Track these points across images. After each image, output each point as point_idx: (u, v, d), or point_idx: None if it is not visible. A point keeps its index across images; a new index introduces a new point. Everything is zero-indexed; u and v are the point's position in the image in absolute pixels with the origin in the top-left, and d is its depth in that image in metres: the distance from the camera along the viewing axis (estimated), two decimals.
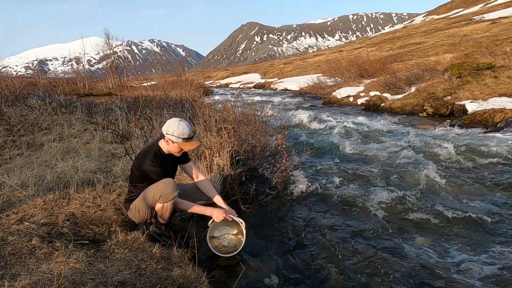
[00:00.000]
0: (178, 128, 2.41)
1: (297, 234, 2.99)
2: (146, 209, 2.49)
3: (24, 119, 5.76)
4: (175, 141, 2.44)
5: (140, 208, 2.50)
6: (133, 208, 2.55)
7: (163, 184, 2.40)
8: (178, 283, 1.95)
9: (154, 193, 2.41)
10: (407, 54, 21.32)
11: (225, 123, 4.24)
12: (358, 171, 4.53)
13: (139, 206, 2.50)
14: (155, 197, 2.41)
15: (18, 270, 1.87)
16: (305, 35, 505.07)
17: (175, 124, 2.42)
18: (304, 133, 7.12)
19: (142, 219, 2.56)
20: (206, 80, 40.49)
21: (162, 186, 2.39)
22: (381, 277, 2.33)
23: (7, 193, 2.91)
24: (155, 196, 2.41)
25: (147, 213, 2.51)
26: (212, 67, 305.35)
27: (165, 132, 2.45)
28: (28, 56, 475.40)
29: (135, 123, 5.34)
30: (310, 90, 17.57)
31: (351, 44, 50.63)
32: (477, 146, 5.15)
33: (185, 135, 2.42)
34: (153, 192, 2.42)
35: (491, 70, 8.89)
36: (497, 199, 3.51)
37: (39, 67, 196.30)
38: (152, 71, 26.86)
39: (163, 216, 2.52)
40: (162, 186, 2.39)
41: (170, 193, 2.37)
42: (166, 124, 2.47)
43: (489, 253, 2.55)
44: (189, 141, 2.46)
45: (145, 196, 2.47)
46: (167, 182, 2.41)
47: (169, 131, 2.43)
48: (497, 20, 28.04)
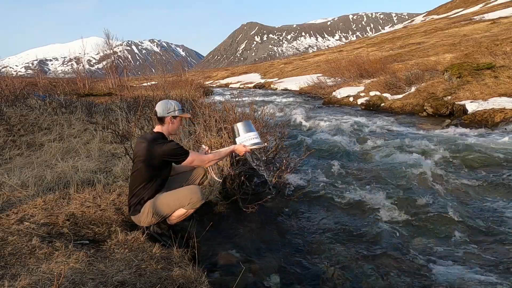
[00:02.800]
0: (173, 104, 2.58)
1: (297, 233, 2.99)
2: (160, 215, 2.44)
3: (24, 119, 5.76)
4: (178, 115, 2.58)
5: (155, 213, 2.42)
6: (145, 212, 2.43)
7: (191, 191, 2.40)
8: (178, 283, 1.95)
9: (180, 200, 2.39)
10: (407, 54, 21.31)
11: (225, 123, 4.23)
12: (357, 171, 4.53)
13: (155, 211, 2.42)
14: (182, 203, 2.39)
15: (18, 270, 1.87)
16: (305, 35, 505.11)
17: (168, 102, 2.59)
18: (304, 133, 7.12)
19: (150, 223, 2.49)
20: (206, 80, 40.47)
21: (190, 192, 2.40)
22: (381, 277, 2.33)
23: (7, 193, 2.91)
24: (182, 202, 2.39)
25: (161, 218, 2.47)
26: (212, 67, 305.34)
27: (166, 113, 2.55)
28: (28, 56, 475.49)
29: (135, 123, 5.34)
30: (310, 90, 17.56)
31: (351, 44, 50.62)
32: (477, 146, 5.15)
33: (179, 106, 2.60)
34: (178, 198, 2.40)
35: (491, 70, 8.89)
36: (498, 200, 3.51)
37: (39, 67, 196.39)
38: (152, 71, 26.86)
39: (178, 220, 2.52)
40: (190, 192, 2.40)
41: (199, 201, 2.41)
42: (160, 107, 2.56)
43: (489, 253, 2.55)
44: (184, 112, 2.67)
45: (164, 202, 2.41)
46: (195, 189, 2.43)
47: (170, 109, 2.56)
48: (497, 20, 28.04)
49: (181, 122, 2.70)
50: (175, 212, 2.46)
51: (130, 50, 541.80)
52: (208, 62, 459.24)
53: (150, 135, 2.58)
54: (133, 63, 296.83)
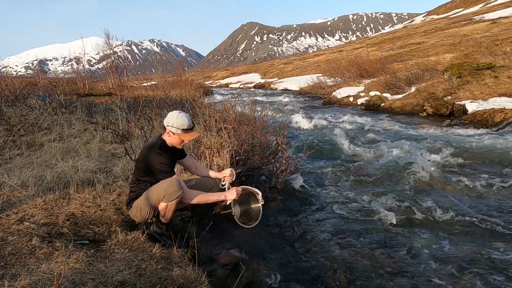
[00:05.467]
0: (177, 120, 2.46)
1: (297, 233, 2.99)
2: (148, 209, 2.49)
3: (24, 119, 5.76)
4: (175, 133, 2.49)
5: (142, 207, 2.50)
6: (135, 207, 2.54)
7: (167, 183, 2.40)
8: (178, 283, 1.95)
9: (158, 192, 2.41)
10: (407, 54, 21.32)
11: (225, 123, 4.23)
12: (357, 171, 4.53)
13: (142, 205, 2.50)
14: (159, 197, 2.41)
15: (18, 270, 1.87)
16: (305, 35, 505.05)
17: (175, 116, 2.48)
18: (304, 133, 7.12)
19: (143, 218, 2.56)
20: (206, 80, 40.47)
21: (166, 185, 2.40)
22: (381, 277, 2.33)
23: (7, 193, 2.91)
24: (159, 195, 2.41)
25: (149, 212, 2.51)
26: (212, 67, 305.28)
27: (166, 124, 2.52)
28: (28, 56, 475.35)
29: (135, 123, 5.34)
30: (310, 90, 17.57)
31: (351, 44, 50.62)
32: (477, 146, 5.15)
33: (184, 126, 2.47)
34: (157, 191, 2.42)
35: (491, 70, 8.89)
36: (498, 200, 3.51)
37: (39, 67, 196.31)
38: (152, 71, 26.86)
39: (166, 215, 2.52)
40: (166, 185, 2.40)
41: (175, 192, 2.38)
42: (167, 117, 2.53)
43: (489, 253, 2.54)
44: (188, 132, 2.51)
45: (148, 195, 2.47)
46: (171, 181, 2.41)
47: (169, 122, 2.49)
48: (497, 20, 28.05)
49: (182, 140, 2.57)
50: (160, 206, 2.47)
51: (130, 50, 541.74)
52: (208, 62, 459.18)
53: (153, 139, 2.61)
54: (133, 63, 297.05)
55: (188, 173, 3.52)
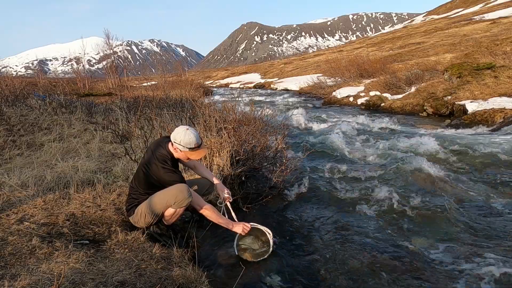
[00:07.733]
0: (185, 138, 2.41)
1: (297, 233, 2.99)
2: (153, 215, 2.45)
3: (24, 119, 5.76)
4: (182, 150, 2.45)
5: (147, 214, 2.45)
6: (138, 213, 2.49)
7: (177, 190, 2.37)
8: (178, 283, 1.95)
9: (167, 199, 2.38)
10: (407, 54, 21.31)
11: (225, 123, 4.23)
12: (357, 171, 4.53)
13: (146, 211, 2.45)
14: (168, 203, 2.38)
15: (18, 270, 1.87)
16: (305, 35, 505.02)
17: (183, 133, 2.43)
18: (304, 133, 7.12)
19: (146, 224, 2.52)
20: (206, 80, 40.48)
21: (176, 191, 2.37)
22: (381, 277, 2.33)
23: (7, 193, 2.91)
24: (168, 201, 2.38)
25: (154, 218, 2.47)
26: (212, 67, 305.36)
27: (173, 140, 2.46)
28: (28, 56, 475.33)
29: (135, 123, 5.34)
30: (310, 90, 17.57)
31: (351, 44, 50.62)
32: (477, 146, 5.15)
33: (191, 145, 2.43)
34: (165, 197, 2.39)
35: (491, 70, 8.89)
36: (497, 200, 3.51)
37: (39, 67, 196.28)
38: (152, 71, 26.85)
39: (171, 220, 2.51)
40: (176, 191, 2.37)
41: (185, 199, 2.36)
42: (174, 132, 2.47)
43: (489, 253, 2.54)
44: (196, 150, 2.47)
45: (155, 201, 2.43)
46: (182, 188, 2.38)
47: (176, 139, 2.43)
48: (497, 20, 28.04)
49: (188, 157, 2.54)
50: (166, 212, 2.45)
51: (130, 50, 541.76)
52: (208, 62, 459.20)
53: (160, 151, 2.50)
54: (133, 63, 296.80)
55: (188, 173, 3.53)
